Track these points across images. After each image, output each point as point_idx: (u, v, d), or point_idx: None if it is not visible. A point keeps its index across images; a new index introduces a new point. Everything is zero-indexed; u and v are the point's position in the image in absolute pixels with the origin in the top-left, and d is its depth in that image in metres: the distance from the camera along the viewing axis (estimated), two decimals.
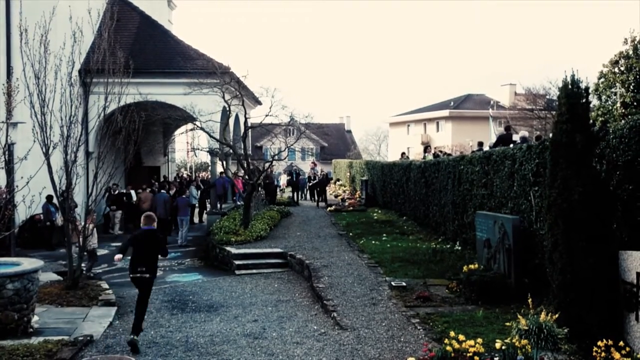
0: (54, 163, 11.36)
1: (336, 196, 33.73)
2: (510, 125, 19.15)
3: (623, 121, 7.71)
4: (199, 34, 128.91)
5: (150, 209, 21.95)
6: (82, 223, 12.40)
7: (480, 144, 20.23)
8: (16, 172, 9.85)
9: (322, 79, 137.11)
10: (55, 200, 14.29)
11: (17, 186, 9.81)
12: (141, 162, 27.43)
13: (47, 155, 11.12)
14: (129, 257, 8.75)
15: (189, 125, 26.39)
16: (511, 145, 12.97)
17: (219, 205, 23.89)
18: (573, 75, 7.32)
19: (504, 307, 9.26)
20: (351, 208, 26.58)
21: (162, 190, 21.60)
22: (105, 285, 12.12)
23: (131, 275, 8.57)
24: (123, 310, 10.54)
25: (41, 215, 18.00)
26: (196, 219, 25.80)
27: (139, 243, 8.73)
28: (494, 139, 19.10)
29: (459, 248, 14.20)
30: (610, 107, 30.87)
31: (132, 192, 23.27)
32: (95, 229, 13.08)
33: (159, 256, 8.85)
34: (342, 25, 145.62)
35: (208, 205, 26.10)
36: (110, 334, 9.02)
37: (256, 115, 26.20)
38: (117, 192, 21.70)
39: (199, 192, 25.83)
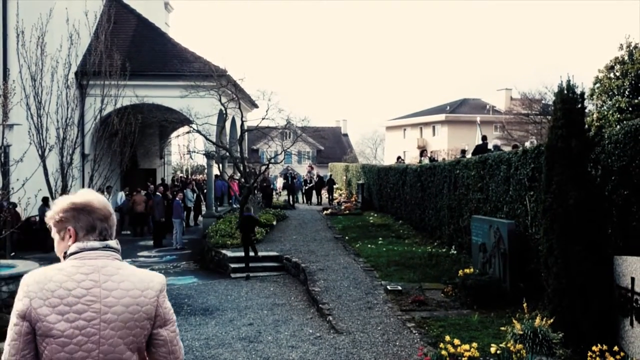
0: (49, 165, 11.36)
1: (332, 200, 33.74)
2: (486, 136, 19.77)
3: (618, 126, 7.74)
4: (196, 37, 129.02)
5: (145, 211, 21.97)
6: None
7: (463, 152, 21.00)
8: (12, 174, 9.85)
9: (318, 83, 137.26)
10: (51, 203, 14.27)
11: (12, 188, 9.80)
12: (137, 165, 27.40)
13: (42, 157, 11.11)
14: None
15: (186, 128, 26.36)
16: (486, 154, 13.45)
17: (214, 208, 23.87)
18: (569, 81, 7.34)
19: (499, 311, 9.27)
20: (347, 212, 26.58)
21: (157, 193, 21.59)
22: None
23: None
24: None
25: (36, 217, 17.95)
26: (192, 222, 25.79)
27: None
28: (480, 142, 19.55)
29: (455, 252, 14.21)
30: (606, 113, 30.97)
31: (121, 194, 23.15)
32: None
33: None
34: (339, 29, 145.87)
35: (204, 208, 26.09)
36: None
37: (253, 118, 26.23)
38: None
39: (195, 194, 25.82)
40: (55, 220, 2.63)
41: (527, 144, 16.46)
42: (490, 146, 17.31)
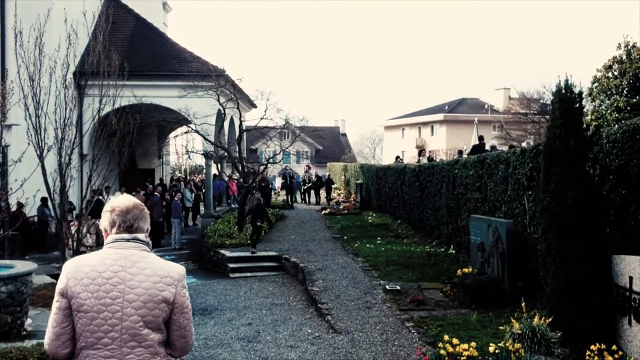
0: (48, 165, 11.32)
1: (331, 199, 33.75)
2: (482, 136, 20.06)
3: (616, 126, 7.75)
4: (194, 37, 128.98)
5: None
6: (76, 225, 12.36)
7: (460, 152, 21.12)
8: (10, 175, 9.84)
9: (317, 82, 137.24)
10: (50, 203, 14.29)
11: (11, 188, 9.79)
12: (135, 165, 27.39)
13: (41, 157, 11.08)
14: None
15: (184, 128, 26.37)
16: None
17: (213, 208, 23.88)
18: (567, 80, 7.36)
19: (498, 310, 9.28)
20: (346, 211, 26.58)
21: (156, 193, 21.58)
22: None
23: None
24: None
25: (35, 218, 17.94)
26: (190, 222, 25.78)
27: None
28: (476, 142, 19.83)
29: (453, 252, 14.23)
30: (604, 112, 31.00)
31: (117, 194, 23.15)
32: (89, 232, 13.02)
33: None
34: (338, 29, 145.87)
35: (202, 208, 26.10)
36: None
37: (251, 118, 26.21)
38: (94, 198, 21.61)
39: (193, 194, 25.82)
40: (103, 218, 3.06)
41: (524, 144, 16.68)
42: (487, 147, 17.50)
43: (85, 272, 2.82)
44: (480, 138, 19.72)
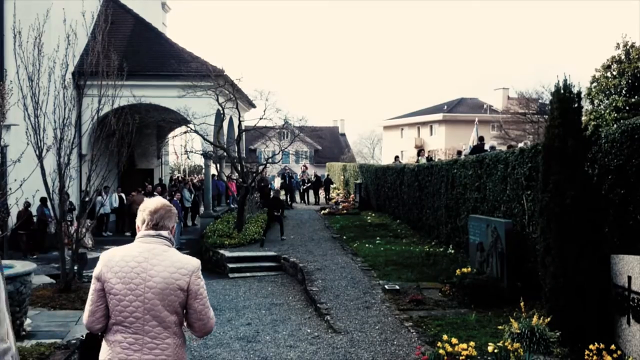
0: (47, 166, 11.32)
1: (330, 199, 33.76)
2: (483, 136, 20.29)
3: (615, 126, 7.76)
4: (193, 37, 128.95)
5: None
6: (75, 226, 12.37)
7: (459, 153, 21.77)
8: (9, 175, 9.82)
9: (316, 82, 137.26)
10: (49, 204, 14.32)
11: (10, 189, 9.78)
12: (134, 165, 27.39)
13: (40, 157, 11.07)
14: None
15: (183, 128, 26.38)
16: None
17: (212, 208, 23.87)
18: (565, 80, 7.36)
19: (497, 310, 9.29)
20: (345, 211, 26.58)
21: (155, 193, 21.57)
22: None
23: None
24: None
25: (34, 218, 17.93)
26: (189, 222, 25.78)
27: None
28: (477, 143, 19.99)
29: (452, 251, 14.24)
30: (603, 112, 31.03)
31: (114, 195, 23.08)
32: (88, 231, 13.02)
33: None
34: (337, 29, 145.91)
35: (202, 208, 26.09)
36: None
37: (250, 118, 26.19)
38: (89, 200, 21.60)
39: (192, 195, 25.81)
40: (137, 216, 3.61)
41: (521, 145, 16.85)
42: (486, 147, 17.60)
43: (116, 261, 3.37)
44: (481, 139, 19.83)
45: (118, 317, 3.33)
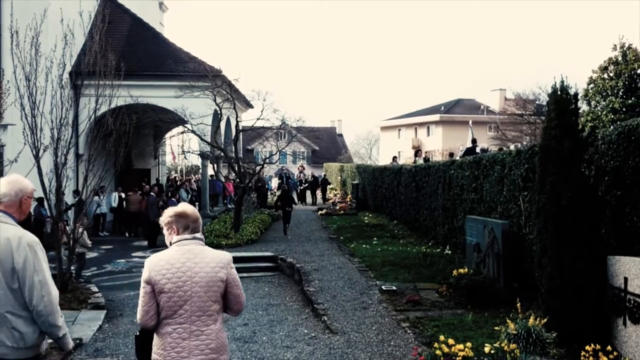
0: (44, 165, 11.31)
1: (327, 200, 33.78)
2: (475, 139, 20.63)
3: (612, 127, 7.78)
4: (191, 37, 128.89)
5: (139, 211, 21.90)
6: (71, 225, 12.35)
7: (451, 155, 21.46)
8: (6, 175, 9.82)
9: (314, 83, 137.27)
10: (46, 203, 14.30)
11: None
12: (131, 165, 27.37)
13: (37, 157, 11.07)
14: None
15: (180, 128, 26.39)
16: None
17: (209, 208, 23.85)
18: (562, 82, 7.37)
19: (493, 311, 9.30)
20: (342, 212, 26.61)
21: (152, 193, 21.54)
22: (95, 289, 12.06)
23: None
24: (112, 313, 10.50)
25: (31, 218, 17.88)
26: None
27: None
28: (470, 145, 20.37)
29: (449, 252, 14.25)
30: (600, 113, 31.09)
31: (115, 194, 23.06)
32: (85, 231, 13.01)
33: None
34: (334, 30, 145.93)
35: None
36: (99, 338, 8.98)
37: (248, 119, 26.20)
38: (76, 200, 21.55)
39: (189, 195, 25.79)
40: (165, 222, 4.07)
41: (512, 147, 17.24)
42: (477, 149, 17.85)
43: (162, 265, 3.85)
44: (474, 141, 20.10)
45: (168, 312, 3.82)
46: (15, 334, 3.75)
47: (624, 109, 30.31)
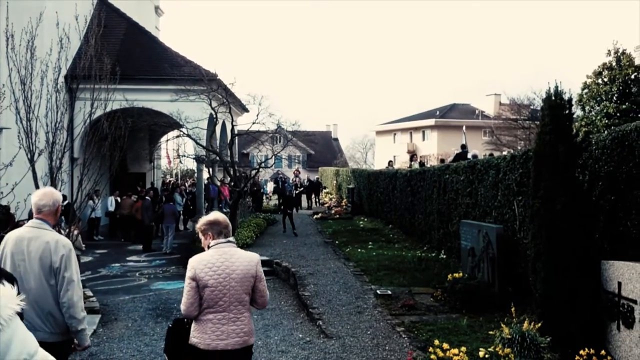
0: (39, 169, 11.27)
1: (322, 204, 33.77)
2: (465, 144, 20.85)
3: (606, 132, 7.82)
4: (187, 41, 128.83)
5: (131, 214, 21.85)
6: (65, 230, 12.30)
7: (442, 161, 23.17)
8: (1, 179, 9.79)
9: (309, 87, 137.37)
10: None
11: (1, 192, 9.74)
12: (127, 169, 27.31)
13: (32, 161, 11.03)
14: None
15: (176, 132, 26.38)
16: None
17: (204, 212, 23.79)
18: (556, 87, 7.40)
19: (488, 315, 9.31)
20: (337, 216, 26.62)
21: (147, 197, 21.50)
22: (90, 293, 12.02)
23: None
24: (107, 317, 10.47)
25: (26, 221, 17.83)
26: (181, 226, 25.71)
27: None
28: (459, 150, 20.82)
29: (444, 256, 14.27)
30: (594, 118, 31.22)
31: (111, 198, 23.02)
32: (80, 235, 12.98)
33: None
34: (330, 35, 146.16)
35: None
36: (94, 342, 8.94)
37: (243, 123, 26.27)
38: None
39: (184, 199, 25.76)
40: (201, 229, 4.78)
41: (472, 152, 17.83)
42: (469, 155, 18.01)
43: (204, 264, 4.57)
44: (463, 147, 20.37)
45: (210, 302, 4.54)
46: (52, 321, 4.58)
47: (618, 114, 30.45)
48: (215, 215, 4.83)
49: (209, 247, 4.71)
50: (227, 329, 4.60)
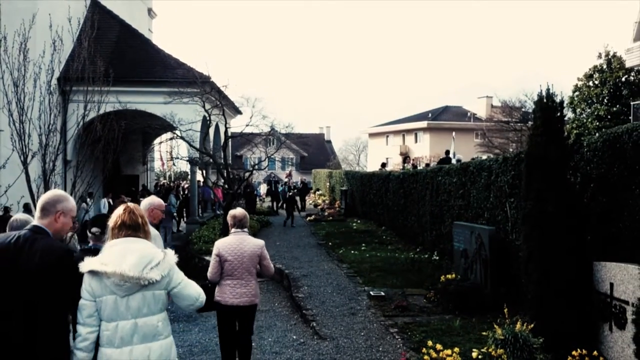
0: (32, 172, 11.25)
1: (316, 206, 33.80)
2: (448, 150, 21.49)
3: (597, 134, 7.88)
4: (180, 43, 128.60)
5: None
6: None
7: (427, 165, 24.38)
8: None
9: (302, 90, 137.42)
10: (33, 209, 14.18)
11: None
12: (120, 171, 27.24)
13: (25, 163, 11.01)
14: None
15: (169, 134, 26.35)
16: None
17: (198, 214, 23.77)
18: (548, 89, 7.45)
19: (481, 316, 9.35)
20: (331, 218, 26.65)
21: (140, 199, 21.45)
22: None
23: None
24: None
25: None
26: (174, 228, 25.66)
27: None
28: (444, 156, 21.71)
29: (437, 258, 14.31)
30: (585, 120, 31.41)
31: (104, 200, 22.96)
32: (74, 237, 12.93)
33: None
34: (323, 37, 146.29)
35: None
36: None
37: (236, 125, 26.30)
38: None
39: (178, 201, 25.72)
40: (227, 220, 6.74)
41: (456, 157, 18.50)
42: (453, 160, 18.55)
43: (226, 245, 6.52)
44: (447, 152, 21.00)
45: (228, 272, 6.47)
46: None
47: (609, 116, 30.67)
48: (234, 211, 6.73)
49: (230, 234, 6.65)
50: (240, 291, 6.47)
